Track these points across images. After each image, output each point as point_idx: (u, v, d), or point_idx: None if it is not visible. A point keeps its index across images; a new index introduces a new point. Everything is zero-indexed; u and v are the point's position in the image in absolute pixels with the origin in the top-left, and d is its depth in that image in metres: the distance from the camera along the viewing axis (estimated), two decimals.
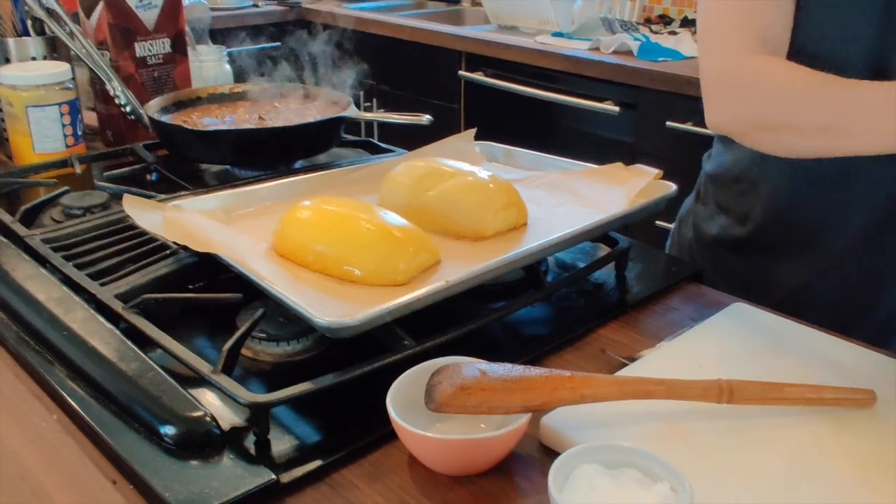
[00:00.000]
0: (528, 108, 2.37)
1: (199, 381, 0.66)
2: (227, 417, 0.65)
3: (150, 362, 0.66)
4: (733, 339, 0.76)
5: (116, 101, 1.25)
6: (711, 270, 1.09)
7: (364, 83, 2.89)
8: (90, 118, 1.37)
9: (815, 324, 0.83)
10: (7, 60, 1.24)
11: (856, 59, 0.88)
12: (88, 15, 1.27)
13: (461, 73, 2.53)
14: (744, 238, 1.06)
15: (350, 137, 1.28)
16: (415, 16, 2.98)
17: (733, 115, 0.91)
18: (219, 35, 2.87)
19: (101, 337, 0.69)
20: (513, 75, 2.39)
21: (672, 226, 1.21)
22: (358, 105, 2.89)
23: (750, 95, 0.89)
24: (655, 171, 0.92)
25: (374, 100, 2.88)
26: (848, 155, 0.82)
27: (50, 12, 1.22)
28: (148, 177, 1.15)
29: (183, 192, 1.01)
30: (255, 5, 3.04)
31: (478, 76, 2.49)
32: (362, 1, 3.17)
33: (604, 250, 0.96)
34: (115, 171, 1.11)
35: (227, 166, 1.16)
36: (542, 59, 2.28)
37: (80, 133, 1.22)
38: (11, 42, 1.23)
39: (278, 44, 3.05)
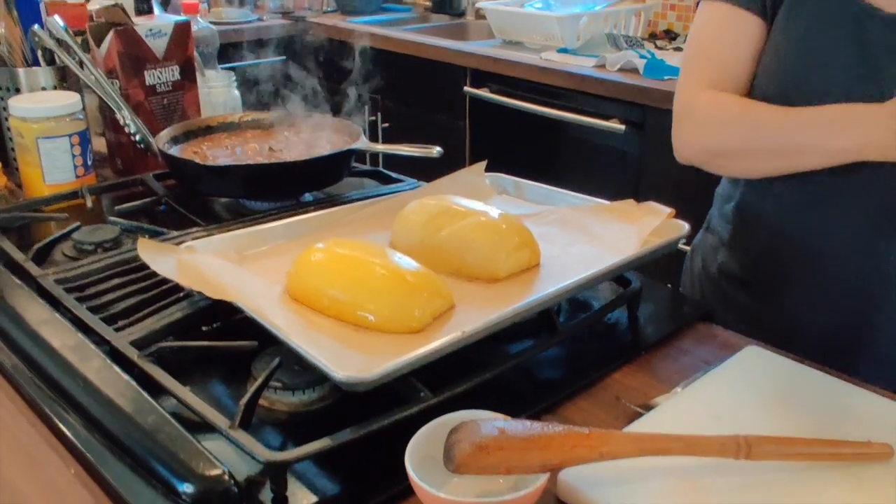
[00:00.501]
0: (533, 124, 2.37)
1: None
2: (243, 469, 0.65)
3: (167, 416, 0.66)
4: (748, 386, 0.76)
5: (126, 129, 1.25)
6: (717, 303, 1.09)
7: (369, 98, 2.89)
8: (99, 144, 1.37)
9: (814, 353, 0.84)
10: (17, 90, 1.24)
11: (830, 88, 0.93)
12: (98, 44, 1.27)
13: (466, 88, 2.53)
14: (742, 271, 1.08)
15: (360, 167, 1.28)
16: (419, 30, 2.98)
17: (691, 146, 1.02)
18: (224, 49, 2.89)
19: (117, 388, 0.69)
20: (518, 92, 2.39)
21: (685, 247, 1.21)
22: (363, 121, 2.89)
23: (705, 127, 1.00)
24: (668, 210, 0.92)
25: (379, 114, 2.88)
26: (799, 170, 0.95)
27: (60, 42, 1.22)
28: (158, 207, 1.15)
29: (195, 229, 1.01)
30: (260, 19, 3.05)
31: (483, 92, 2.49)
32: (366, 15, 3.18)
33: (614, 286, 0.96)
34: (125, 206, 1.11)
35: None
36: (547, 77, 2.28)
37: (90, 163, 1.22)
38: (21, 72, 1.23)
39: (283, 57, 3.06)
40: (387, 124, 2.89)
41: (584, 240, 0.93)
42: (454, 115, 2.63)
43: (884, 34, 0.92)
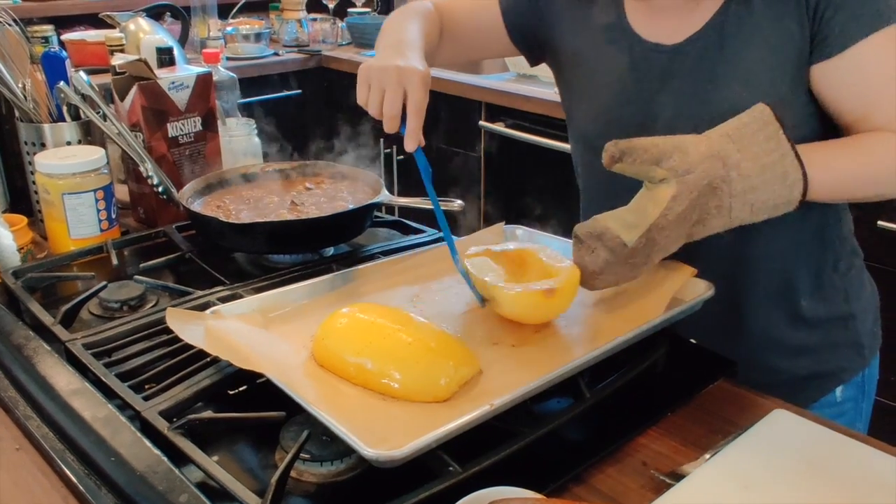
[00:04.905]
0: (548, 158, 2.38)
1: None
2: None
3: (199, 494, 0.66)
4: (776, 454, 0.76)
5: (149, 181, 1.27)
6: None
7: (384, 131, 2.91)
8: (121, 191, 1.39)
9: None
10: (43, 145, 1.25)
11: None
12: (122, 98, 1.29)
13: (481, 123, 2.55)
14: None
15: (381, 217, 1.29)
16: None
17: None
18: (240, 84, 2.93)
19: (149, 463, 0.69)
20: (533, 126, 2.40)
21: None
22: (379, 153, 2.89)
23: None
24: (691, 270, 0.92)
25: (394, 147, 2.90)
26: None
27: (85, 98, 1.24)
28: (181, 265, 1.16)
29: (219, 288, 1.02)
30: (276, 53, 3.07)
31: (498, 126, 2.50)
32: None
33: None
34: (150, 263, 1.12)
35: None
36: (561, 111, 2.28)
37: (114, 216, 1.23)
38: (47, 128, 1.25)
39: (299, 91, 3.09)
40: (402, 156, 2.91)
41: (606, 298, 0.94)
42: (469, 147, 2.64)
43: (662, 63, 1.00)
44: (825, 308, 1.07)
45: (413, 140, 0.90)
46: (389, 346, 0.79)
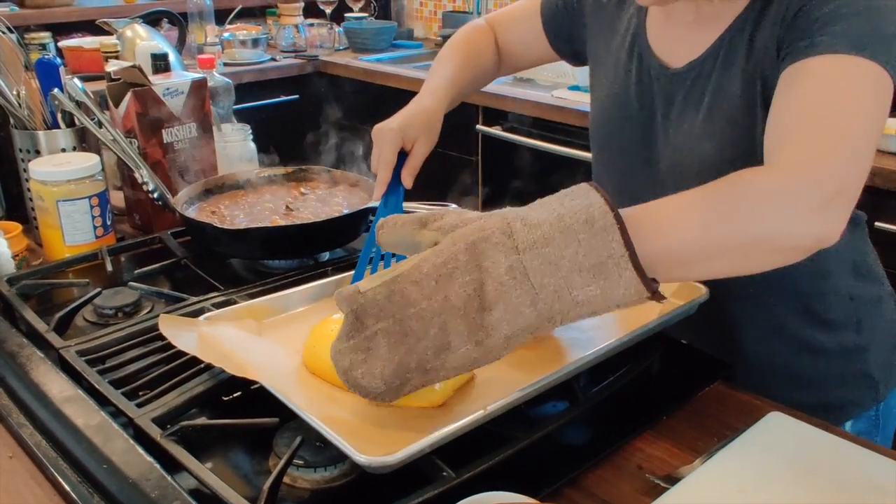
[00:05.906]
0: (545, 161, 2.38)
1: None
2: None
3: (192, 502, 0.66)
4: (771, 456, 0.76)
5: (144, 187, 1.27)
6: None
7: None
8: (117, 198, 1.39)
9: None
10: (37, 153, 1.25)
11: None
12: (117, 104, 1.29)
13: (478, 126, 2.55)
14: None
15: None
16: (430, 67, 3.00)
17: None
18: (237, 89, 2.93)
19: (141, 471, 0.69)
20: (530, 129, 2.40)
21: None
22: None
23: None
24: None
25: None
26: None
27: (79, 104, 1.24)
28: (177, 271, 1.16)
29: (213, 294, 1.02)
30: (274, 59, 3.08)
31: (495, 130, 2.50)
32: (377, 52, 3.21)
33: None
34: (145, 269, 1.11)
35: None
36: (559, 115, 2.29)
37: (109, 223, 1.23)
38: (42, 135, 1.25)
39: (296, 96, 3.09)
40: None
41: None
42: (467, 151, 2.64)
43: (664, 85, 0.99)
44: (833, 338, 1.02)
45: (376, 189, 1.01)
46: None
